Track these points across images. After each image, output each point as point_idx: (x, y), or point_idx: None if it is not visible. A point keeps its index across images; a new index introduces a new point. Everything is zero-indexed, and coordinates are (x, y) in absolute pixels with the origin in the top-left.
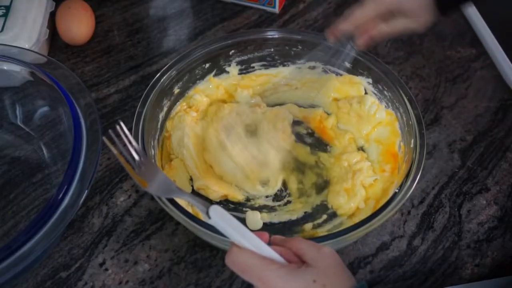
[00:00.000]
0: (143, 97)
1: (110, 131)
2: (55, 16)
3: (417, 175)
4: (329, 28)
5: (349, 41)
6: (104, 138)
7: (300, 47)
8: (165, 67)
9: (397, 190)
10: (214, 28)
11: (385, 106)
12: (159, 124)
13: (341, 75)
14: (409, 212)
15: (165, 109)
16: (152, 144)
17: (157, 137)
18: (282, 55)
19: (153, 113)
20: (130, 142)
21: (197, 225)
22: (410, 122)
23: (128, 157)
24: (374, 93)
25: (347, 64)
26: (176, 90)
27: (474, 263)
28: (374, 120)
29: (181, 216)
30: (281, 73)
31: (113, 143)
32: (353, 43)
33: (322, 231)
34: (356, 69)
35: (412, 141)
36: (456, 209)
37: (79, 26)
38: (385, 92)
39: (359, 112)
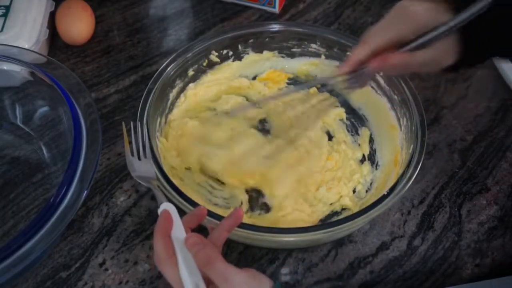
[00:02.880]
0: (156, 74)
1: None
2: (55, 16)
3: (416, 169)
4: (344, 60)
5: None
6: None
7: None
8: (183, 48)
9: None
10: (214, 28)
11: (389, 108)
12: (169, 102)
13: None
14: (409, 212)
15: (176, 88)
16: (159, 120)
17: (164, 114)
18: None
19: (163, 91)
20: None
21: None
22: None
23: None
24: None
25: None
26: (191, 72)
27: (474, 263)
28: None
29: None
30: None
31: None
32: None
33: None
34: None
35: (412, 140)
36: (456, 209)
37: (79, 26)
38: (390, 93)
39: None
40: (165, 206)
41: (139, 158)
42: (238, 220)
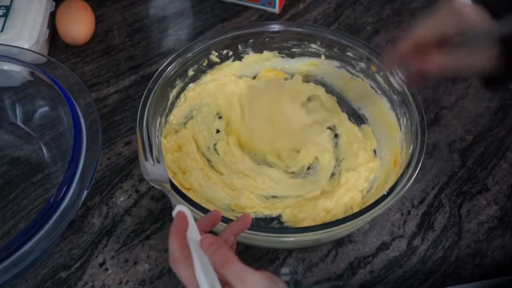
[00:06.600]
0: (156, 74)
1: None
2: (55, 16)
3: (416, 169)
4: (387, 55)
5: (400, 73)
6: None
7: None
8: (183, 49)
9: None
10: (214, 28)
11: (389, 108)
12: (169, 102)
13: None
14: (409, 212)
15: (176, 88)
16: (159, 120)
17: (164, 114)
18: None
19: (163, 91)
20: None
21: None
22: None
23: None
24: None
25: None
26: (191, 73)
27: (474, 263)
28: None
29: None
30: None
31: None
32: (404, 76)
33: None
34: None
35: (412, 140)
36: (456, 209)
37: (79, 26)
38: (390, 93)
39: None
40: (180, 208)
41: (152, 163)
42: (247, 225)
